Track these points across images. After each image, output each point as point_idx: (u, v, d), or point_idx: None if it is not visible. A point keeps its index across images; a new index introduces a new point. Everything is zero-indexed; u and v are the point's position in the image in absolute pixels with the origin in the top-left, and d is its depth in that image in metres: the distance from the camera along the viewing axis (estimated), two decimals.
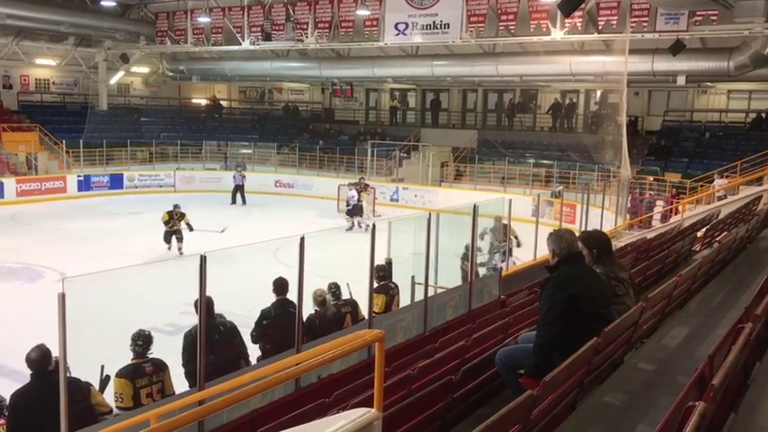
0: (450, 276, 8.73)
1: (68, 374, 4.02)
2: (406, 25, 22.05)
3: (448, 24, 21.26)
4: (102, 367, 5.12)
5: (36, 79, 31.05)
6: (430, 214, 7.63)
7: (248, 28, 25.55)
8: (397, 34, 22.39)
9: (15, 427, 4.42)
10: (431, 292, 7.86)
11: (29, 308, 11.01)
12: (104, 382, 5.12)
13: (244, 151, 30.14)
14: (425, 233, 7.48)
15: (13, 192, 24.13)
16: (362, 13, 22.62)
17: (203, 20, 26.50)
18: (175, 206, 16.28)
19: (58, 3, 25.51)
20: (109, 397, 5.15)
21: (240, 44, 25.94)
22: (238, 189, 24.71)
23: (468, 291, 8.41)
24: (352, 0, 22.85)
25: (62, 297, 3.49)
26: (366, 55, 26.36)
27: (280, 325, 6.40)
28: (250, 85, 36.17)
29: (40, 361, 4.53)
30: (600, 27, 19.28)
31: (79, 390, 4.61)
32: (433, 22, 21.53)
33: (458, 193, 22.84)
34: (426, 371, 4.57)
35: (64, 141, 26.78)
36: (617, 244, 11.50)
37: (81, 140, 27.15)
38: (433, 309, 7.87)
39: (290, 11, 24.50)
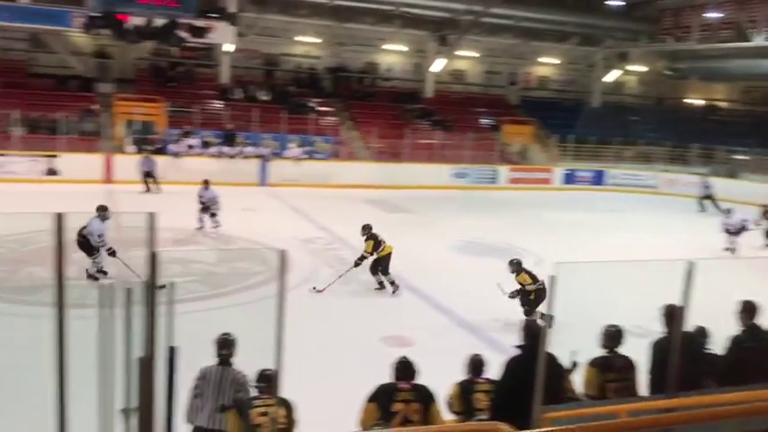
0: None
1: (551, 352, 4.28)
2: None
3: None
4: (574, 352, 5.32)
5: (538, 76, 33.62)
6: None
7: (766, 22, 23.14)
8: None
9: (507, 386, 4.91)
10: None
11: (505, 284, 12.06)
12: (573, 366, 5.32)
13: (738, 157, 27.62)
14: None
15: (505, 179, 26.71)
16: None
17: (712, 15, 24.98)
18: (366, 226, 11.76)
19: (568, 4, 27.01)
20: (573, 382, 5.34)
21: (751, 40, 23.70)
22: (707, 197, 22.78)
23: None
24: None
25: (553, 279, 3.72)
26: None
27: (754, 353, 5.71)
28: (756, 84, 32.78)
29: (533, 333, 4.89)
30: None
31: (557, 369, 4.89)
32: None
33: None
34: None
35: (555, 136, 28.44)
36: None
37: (571, 136, 28.44)
38: None
39: None
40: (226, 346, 5.10)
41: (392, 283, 11.32)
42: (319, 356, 7.96)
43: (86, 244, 10.60)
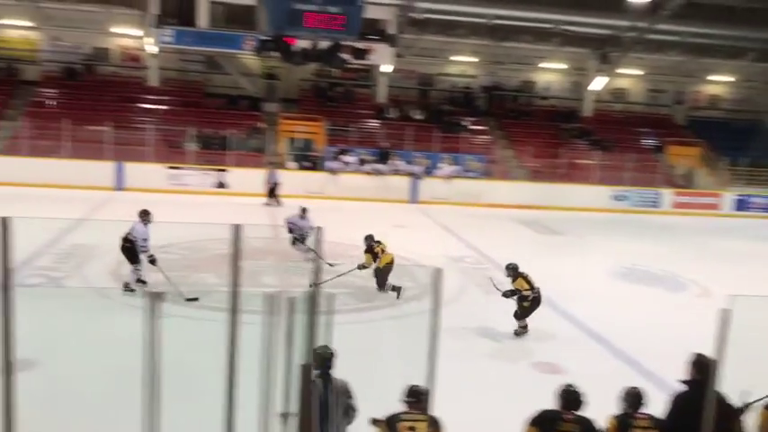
0: None
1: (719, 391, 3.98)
2: None
3: None
4: (745, 393, 4.91)
5: (708, 95, 31.60)
6: None
7: None
8: None
9: (673, 423, 4.64)
10: None
11: (666, 315, 11.40)
12: (744, 407, 4.91)
13: None
14: None
15: (669, 203, 25.26)
16: None
17: None
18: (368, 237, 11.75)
19: (743, 18, 25.21)
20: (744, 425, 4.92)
21: None
22: None
23: None
24: None
25: (726, 313, 3.47)
26: None
27: None
28: None
29: (701, 368, 4.58)
30: None
31: (726, 409, 4.54)
32: None
33: None
34: None
35: (725, 158, 26.52)
36: None
37: (744, 159, 26.39)
38: None
39: None
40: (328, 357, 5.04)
41: (393, 288, 11.25)
42: (468, 377, 7.89)
43: (131, 250, 10.46)
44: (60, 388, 6.85)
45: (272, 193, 21.30)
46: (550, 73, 30.31)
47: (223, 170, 22.56)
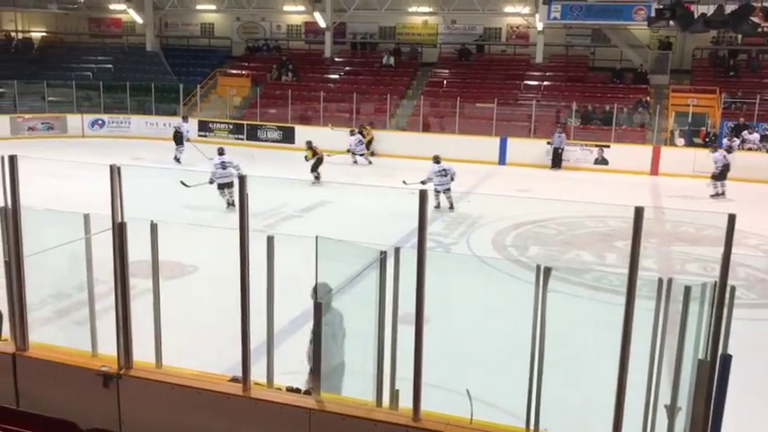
0: None
1: None
2: None
3: None
4: None
5: None
6: None
7: None
8: None
9: None
10: None
11: None
12: None
13: None
14: None
15: None
16: None
17: None
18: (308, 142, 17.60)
19: None
20: None
21: None
22: None
23: None
24: None
25: None
26: None
27: None
28: None
29: None
30: None
31: None
32: None
33: None
34: None
35: None
36: None
37: None
38: None
39: None
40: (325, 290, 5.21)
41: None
42: None
43: (177, 135, 19.75)
44: (448, 343, 7.46)
45: (556, 157, 21.53)
46: None
47: (605, 146, 22.02)
